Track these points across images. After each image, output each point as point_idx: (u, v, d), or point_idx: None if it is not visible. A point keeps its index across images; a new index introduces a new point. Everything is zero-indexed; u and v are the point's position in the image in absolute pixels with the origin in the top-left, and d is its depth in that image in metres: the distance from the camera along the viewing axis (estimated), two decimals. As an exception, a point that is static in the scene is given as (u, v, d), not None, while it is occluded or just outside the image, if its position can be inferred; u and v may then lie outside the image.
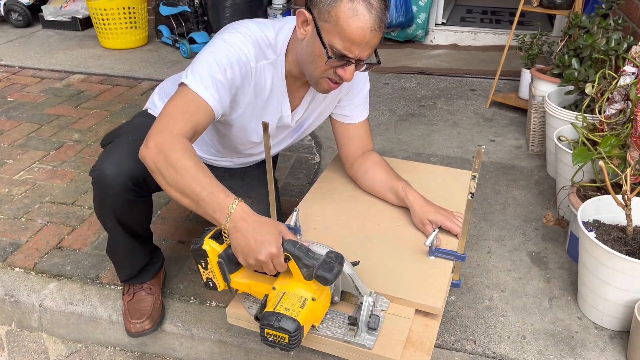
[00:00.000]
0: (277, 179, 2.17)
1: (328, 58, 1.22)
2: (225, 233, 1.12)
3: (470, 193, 1.16)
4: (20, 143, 2.65)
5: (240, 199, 1.12)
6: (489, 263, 1.83)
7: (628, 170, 1.49)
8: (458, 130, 2.80)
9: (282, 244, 1.09)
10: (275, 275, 1.16)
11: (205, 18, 4.01)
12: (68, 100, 3.17)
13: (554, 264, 1.82)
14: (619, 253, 1.40)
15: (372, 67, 1.32)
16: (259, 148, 1.56)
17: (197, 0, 3.88)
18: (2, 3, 4.50)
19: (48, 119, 2.91)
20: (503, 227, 2.02)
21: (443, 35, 4.30)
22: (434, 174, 1.71)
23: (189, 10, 3.89)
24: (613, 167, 1.66)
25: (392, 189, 1.52)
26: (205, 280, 1.21)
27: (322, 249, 1.12)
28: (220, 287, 1.20)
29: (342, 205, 1.55)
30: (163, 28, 4.15)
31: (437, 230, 1.34)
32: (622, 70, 1.87)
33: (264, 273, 1.15)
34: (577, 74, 2.18)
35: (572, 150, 1.85)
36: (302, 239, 1.13)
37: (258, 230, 1.09)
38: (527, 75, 2.89)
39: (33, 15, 4.58)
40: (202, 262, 1.18)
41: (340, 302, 1.23)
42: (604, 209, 1.66)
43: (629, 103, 1.82)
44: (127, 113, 2.98)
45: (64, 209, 2.13)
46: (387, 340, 1.16)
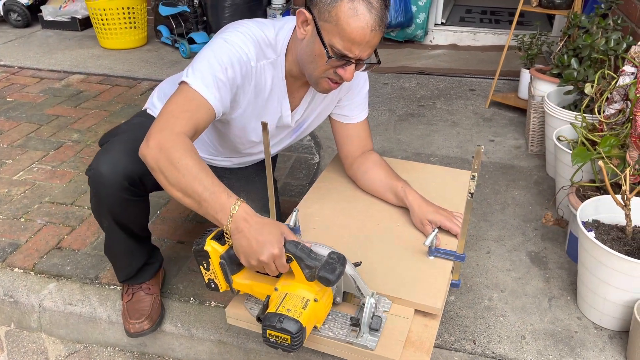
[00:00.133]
0: (276, 179, 2.17)
1: (328, 58, 1.22)
2: (227, 234, 1.12)
3: (470, 193, 1.16)
4: (20, 143, 2.65)
5: (243, 200, 1.12)
6: (489, 263, 1.83)
7: (627, 170, 1.49)
8: (457, 130, 2.80)
9: (284, 245, 1.09)
10: (277, 276, 1.16)
11: (205, 18, 4.01)
12: (67, 101, 3.17)
13: (554, 264, 1.82)
14: (619, 253, 1.41)
15: (372, 67, 1.32)
16: (259, 148, 1.56)
17: (196, 1, 3.88)
18: (1, 3, 4.50)
19: (47, 119, 2.91)
20: (502, 227, 2.02)
21: (442, 35, 4.30)
22: (434, 174, 1.71)
23: (189, 11, 3.89)
24: (612, 167, 1.66)
25: (391, 189, 1.52)
26: (207, 281, 1.21)
27: (324, 250, 1.12)
28: (222, 288, 1.20)
29: (341, 206, 1.55)
30: (162, 28, 4.15)
31: (436, 230, 1.34)
32: (621, 70, 1.87)
33: (266, 274, 1.15)
34: (576, 74, 2.18)
35: (571, 150, 1.85)
36: (304, 240, 1.13)
37: (260, 231, 1.09)
38: (526, 75, 2.89)
39: (32, 16, 4.58)
40: (204, 263, 1.18)
41: (342, 302, 1.23)
42: (604, 209, 1.66)
43: (628, 103, 1.82)
44: (126, 113, 2.98)
45: (64, 209, 2.13)
46: (386, 341, 1.16)
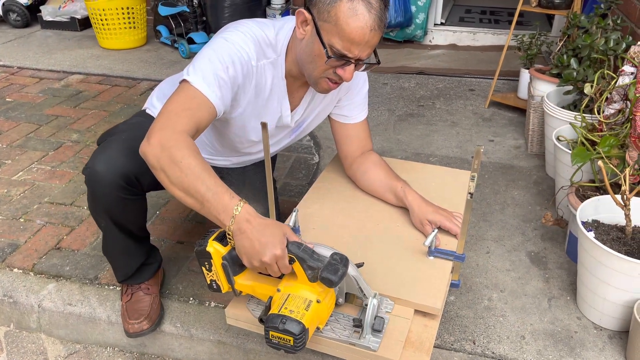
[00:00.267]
0: (275, 179, 2.17)
1: (328, 58, 1.22)
2: (230, 235, 1.12)
3: (470, 193, 1.16)
4: (19, 143, 2.65)
5: (245, 201, 1.12)
6: (488, 263, 1.83)
7: (627, 170, 1.49)
8: (457, 130, 2.80)
9: (286, 246, 1.09)
10: (280, 277, 1.15)
11: (204, 18, 4.01)
12: (67, 101, 3.16)
13: (553, 264, 1.82)
14: (618, 253, 1.40)
15: (371, 67, 1.31)
16: (258, 147, 1.55)
17: (195, 1, 3.88)
18: (0, 3, 4.50)
19: (47, 119, 2.91)
20: (502, 227, 2.02)
21: (442, 36, 4.30)
22: (433, 174, 1.71)
23: (188, 11, 3.89)
24: (612, 167, 1.66)
25: (391, 189, 1.52)
26: (209, 282, 1.20)
27: (326, 251, 1.11)
28: (224, 289, 1.20)
29: (341, 206, 1.55)
30: (162, 28, 4.15)
31: (436, 231, 1.34)
32: (620, 70, 1.87)
33: (268, 275, 1.15)
34: (575, 74, 2.19)
35: (571, 150, 1.85)
36: (306, 241, 1.13)
37: (262, 232, 1.08)
38: (526, 75, 2.89)
39: (32, 16, 4.58)
40: (206, 264, 1.17)
41: (345, 303, 1.23)
42: (603, 209, 1.66)
43: (628, 103, 1.82)
44: (125, 113, 2.98)
45: (63, 210, 2.13)
46: (386, 341, 1.15)
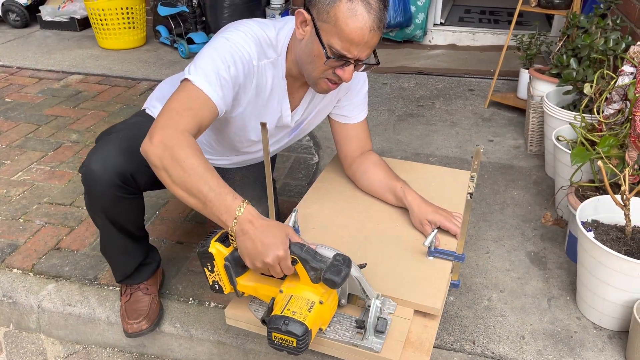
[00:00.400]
0: (275, 180, 2.17)
1: (327, 58, 1.22)
2: (232, 236, 1.11)
3: (469, 193, 1.16)
4: (18, 144, 2.65)
5: (248, 202, 1.11)
6: (488, 263, 1.83)
7: (627, 170, 1.49)
8: (457, 131, 2.80)
9: (289, 247, 1.09)
10: (282, 278, 1.15)
11: (204, 18, 4.01)
12: (66, 101, 3.16)
13: (553, 264, 1.82)
14: (618, 253, 1.40)
15: (371, 67, 1.31)
16: (257, 146, 1.55)
17: (195, 1, 3.88)
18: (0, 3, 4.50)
19: (46, 120, 2.91)
20: (502, 227, 2.02)
21: (441, 36, 4.30)
22: (433, 174, 1.71)
23: (187, 11, 3.89)
24: (611, 167, 1.66)
25: (390, 189, 1.52)
26: (212, 283, 1.20)
27: (329, 252, 1.11)
28: (227, 290, 1.19)
29: (340, 206, 1.55)
30: (161, 28, 4.15)
31: (436, 231, 1.34)
32: (620, 70, 1.87)
33: (271, 276, 1.15)
34: (575, 74, 2.19)
35: (570, 150, 1.85)
36: (308, 242, 1.12)
37: (265, 234, 1.08)
38: (525, 75, 2.89)
39: (31, 16, 4.58)
40: (208, 265, 1.17)
41: (347, 304, 1.22)
42: (603, 209, 1.66)
43: (628, 103, 1.82)
44: (125, 113, 2.97)
45: (62, 210, 2.13)
46: (386, 341, 1.15)
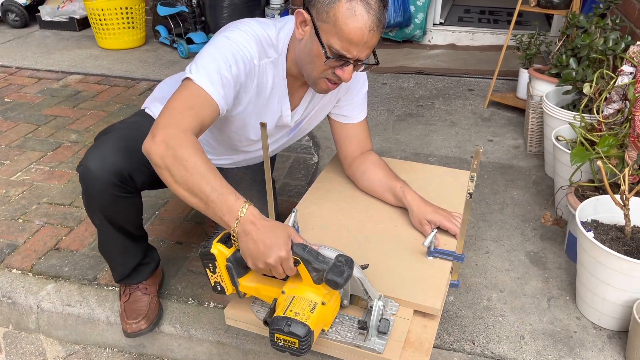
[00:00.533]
0: (275, 180, 2.17)
1: (326, 58, 1.22)
2: (235, 236, 1.11)
3: (469, 193, 1.16)
4: (18, 144, 2.65)
5: (250, 203, 1.11)
6: (488, 263, 1.83)
7: (626, 170, 1.49)
8: (456, 130, 2.80)
9: (291, 248, 1.08)
10: (284, 279, 1.15)
11: (203, 18, 4.01)
12: (65, 101, 3.16)
13: (552, 264, 1.82)
14: (617, 253, 1.40)
15: (370, 67, 1.31)
16: (256, 146, 1.55)
17: (194, 1, 3.87)
18: (-1, 3, 4.50)
19: (45, 120, 2.90)
20: (501, 227, 2.02)
21: (441, 35, 4.30)
22: (432, 174, 1.71)
23: (187, 11, 3.89)
24: (611, 167, 1.66)
25: (390, 189, 1.52)
26: (214, 284, 1.20)
27: (331, 253, 1.11)
28: (229, 291, 1.19)
29: (340, 206, 1.55)
30: (161, 28, 4.15)
31: (435, 231, 1.34)
32: (619, 70, 1.87)
33: (273, 277, 1.14)
34: (574, 74, 2.19)
35: (570, 150, 1.85)
36: (311, 243, 1.12)
37: (267, 234, 1.08)
38: (525, 75, 2.89)
39: (30, 16, 4.57)
40: (210, 266, 1.17)
41: (349, 305, 1.22)
42: (602, 209, 1.66)
43: (627, 103, 1.82)
44: (124, 113, 2.97)
45: (62, 210, 2.13)
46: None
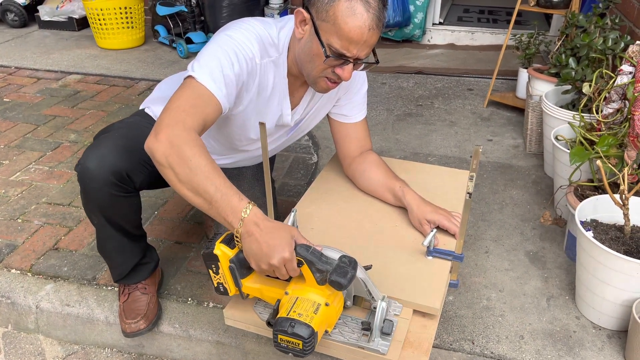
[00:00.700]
0: (274, 180, 2.17)
1: (326, 57, 1.22)
2: (238, 237, 1.11)
3: (468, 193, 1.15)
4: (17, 144, 2.64)
5: (254, 203, 1.11)
6: (487, 263, 1.83)
7: (625, 170, 1.49)
8: (455, 130, 2.80)
9: (294, 249, 1.08)
10: (288, 280, 1.14)
11: (202, 18, 4.00)
12: (64, 101, 3.16)
13: (552, 264, 1.82)
14: (617, 252, 1.40)
15: (370, 66, 1.31)
16: (255, 145, 1.55)
17: (194, 0, 3.87)
18: (-2, 3, 4.50)
19: (44, 120, 2.90)
20: (501, 226, 2.02)
21: (440, 35, 4.30)
22: (432, 174, 1.71)
23: (186, 10, 3.89)
24: (610, 166, 1.66)
25: (389, 189, 1.52)
26: (216, 285, 1.20)
27: (335, 254, 1.10)
28: (232, 292, 1.19)
29: (339, 206, 1.55)
30: (160, 28, 4.15)
31: (434, 230, 1.33)
32: (619, 70, 1.87)
33: (276, 278, 1.14)
34: (574, 74, 2.18)
35: (569, 150, 1.85)
36: (314, 243, 1.12)
37: (271, 235, 1.08)
38: (524, 75, 2.89)
39: (29, 16, 4.57)
40: (213, 266, 1.16)
41: (352, 306, 1.22)
42: (602, 209, 1.66)
43: (626, 102, 1.82)
44: (123, 113, 2.97)
45: (61, 210, 2.12)
46: (385, 341, 1.15)
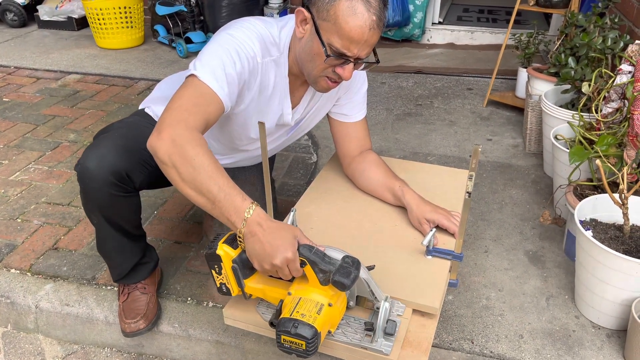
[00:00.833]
0: (274, 179, 2.17)
1: (327, 57, 1.22)
2: (241, 237, 1.11)
3: (467, 192, 1.15)
4: (16, 143, 2.64)
5: (257, 204, 1.11)
6: (486, 262, 1.83)
7: (625, 169, 1.49)
8: (455, 130, 2.80)
9: (297, 249, 1.08)
10: (290, 281, 1.14)
11: (202, 18, 4.00)
12: (64, 101, 3.16)
13: (551, 263, 1.82)
14: (616, 252, 1.41)
15: (370, 65, 1.31)
16: (255, 144, 1.55)
17: (193, 0, 3.87)
18: (-3, 3, 4.49)
19: (44, 119, 2.90)
20: (500, 226, 2.02)
21: (440, 35, 4.30)
22: (431, 173, 1.71)
23: (186, 10, 3.88)
24: (610, 165, 1.66)
25: (389, 189, 1.52)
26: (219, 286, 1.20)
27: (338, 254, 1.10)
28: (234, 292, 1.19)
29: (339, 205, 1.55)
30: (159, 28, 4.14)
31: (434, 230, 1.34)
32: (618, 69, 1.87)
33: (279, 278, 1.14)
34: (573, 73, 2.19)
35: (568, 149, 1.85)
36: (317, 244, 1.12)
37: (274, 235, 1.08)
38: (523, 74, 2.89)
39: (29, 15, 4.56)
40: (215, 267, 1.16)
41: (355, 306, 1.22)
42: (601, 208, 1.66)
43: (626, 102, 1.82)
44: (123, 113, 2.97)
45: (60, 210, 2.12)
46: (384, 340, 1.15)
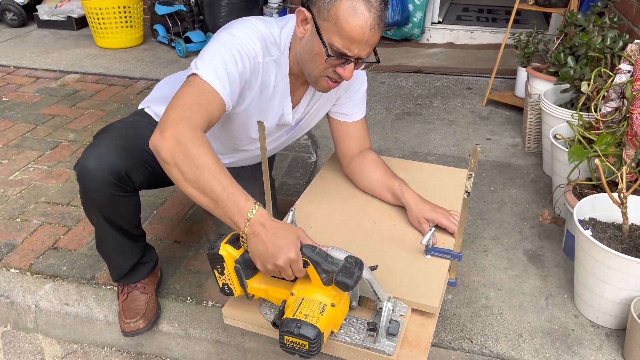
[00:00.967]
0: (273, 179, 2.17)
1: (327, 56, 1.22)
2: (244, 238, 1.11)
3: (467, 191, 1.16)
4: (16, 143, 2.64)
5: (260, 204, 1.11)
6: (486, 261, 1.83)
7: (624, 168, 1.49)
8: (454, 129, 2.80)
9: (300, 249, 1.08)
10: (293, 281, 1.14)
11: (201, 17, 4.00)
12: (63, 100, 3.16)
13: (550, 262, 1.82)
14: (615, 251, 1.41)
15: (371, 65, 1.31)
16: (256, 144, 1.55)
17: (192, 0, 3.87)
18: (-3, 3, 4.49)
19: (43, 119, 2.90)
20: (499, 225, 2.02)
21: (439, 34, 4.30)
22: (430, 173, 1.71)
23: (185, 10, 3.88)
24: (609, 165, 1.66)
25: (388, 188, 1.52)
26: (222, 286, 1.20)
27: (341, 254, 1.10)
28: (237, 292, 1.19)
29: (338, 205, 1.55)
30: (159, 27, 4.14)
31: (433, 229, 1.34)
32: (617, 68, 1.87)
33: (282, 278, 1.14)
34: (572, 72, 2.19)
35: (568, 149, 1.85)
36: (320, 244, 1.12)
37: (276, 236, 1.08)
38: (523, 74, 2.89)
39: (28, 15, 4.56)
40: (218, 267, 1.16)
41: (358, 307, 1.22)
42: (600, 207, 1.66)
43: (625, 101, 1.83)
44: (122, 113, 2.97)
45: (60, 209, 2.12)
46: (384, 340, 1.15)
